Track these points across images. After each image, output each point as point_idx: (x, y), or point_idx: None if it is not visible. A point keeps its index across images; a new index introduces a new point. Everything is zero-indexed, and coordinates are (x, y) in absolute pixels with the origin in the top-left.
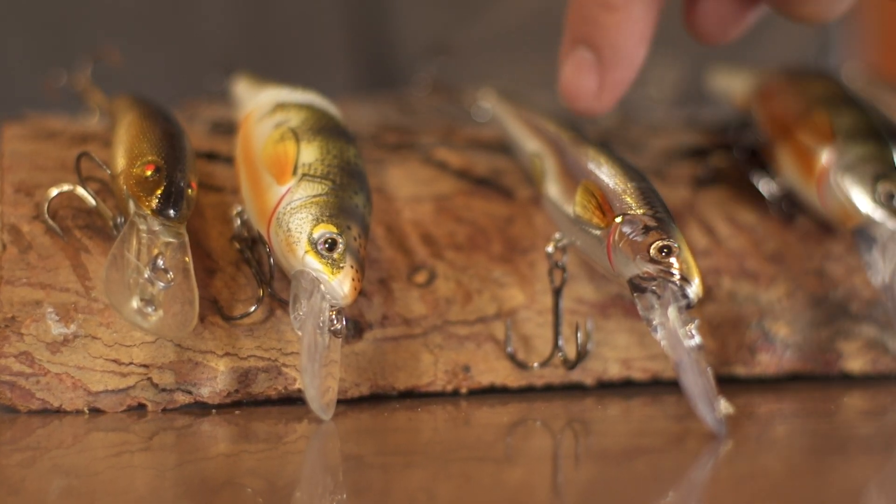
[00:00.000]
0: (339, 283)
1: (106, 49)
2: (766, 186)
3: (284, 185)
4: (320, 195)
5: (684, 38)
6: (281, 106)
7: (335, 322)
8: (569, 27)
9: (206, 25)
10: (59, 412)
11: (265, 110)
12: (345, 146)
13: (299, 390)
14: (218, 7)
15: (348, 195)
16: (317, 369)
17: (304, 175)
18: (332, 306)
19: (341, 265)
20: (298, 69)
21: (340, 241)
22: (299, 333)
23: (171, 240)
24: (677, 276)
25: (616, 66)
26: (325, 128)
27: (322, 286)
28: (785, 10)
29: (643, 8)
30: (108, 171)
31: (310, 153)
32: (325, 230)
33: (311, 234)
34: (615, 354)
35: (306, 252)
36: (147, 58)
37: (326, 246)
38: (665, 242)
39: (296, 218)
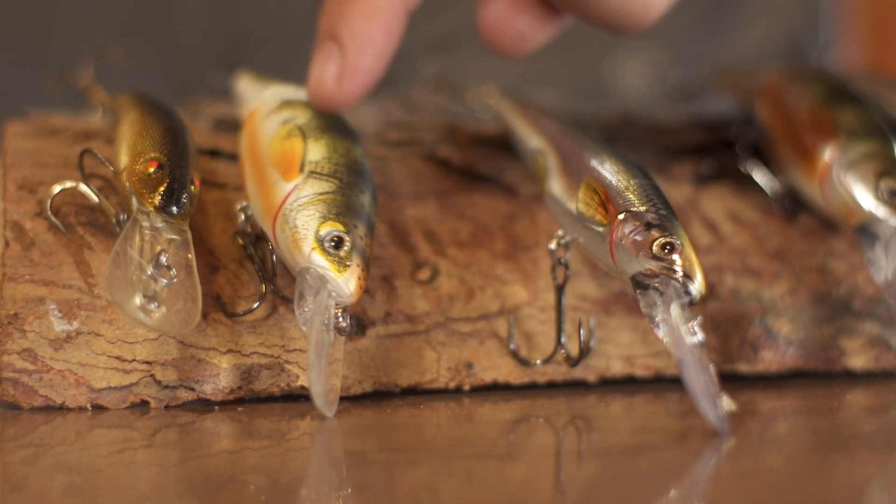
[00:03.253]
0: (346, 282)
1: (108, 47)
2: (768, 183)
3: (291, 181)
4: (327, 193)
5: (662, 32)
6: (287, 103)
7: (341, 320)
8: (319, 26)
9: (190, 24)
10: (61, 409)
11: (271, 107)
12: (351, 145)
13: (302, 387)
14: (202, 5)
15: (355, 194)
16: (323, 366)
17: (311, 172)
18: (337, 304)
19: (348, 263)
20: (278, 65)
21: (347, 239)
22: (305, 330)
23: (174, 237)
24: (680, 273)
25: (356, 52)
26: (331, 126)
27: (328, 284)
28: (592, 20)
29: None
30: (111, 168)
31: (317, 151)
32: (333, 228)
33: (318, 231)
34: (618, 351)
35: (313, 249)
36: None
37: (333, 244)
38: (668, 239)
39: (303, 215)
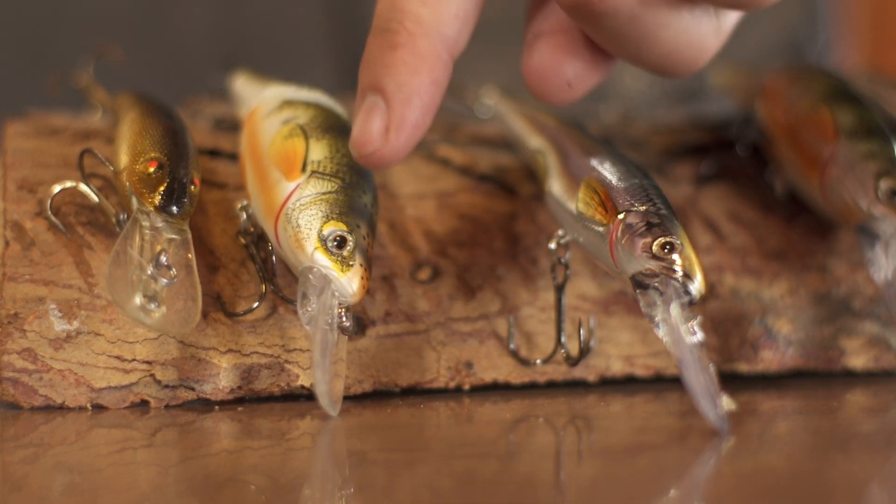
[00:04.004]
0: (349, 281)
1: (108, 46)
2: (768, 184)
3: (293, 181)
4: (330, 192)
5: None
6: (288, 103)
7: (344, 319)
8: (360, 77)
9: (184, 23)
10: (61, 409)
11: (272, 107)
12: None
13: (302, 387)
14: (203, 5)
15: (357, 194)
16: (328, 366)
17: (313, 172)
18: (340, 304)
19: (350, 263)
20: (277, 66)
21: (350, 238)
22: (308, 330)
23: (174, 236)
24: (680, 273)
25: (402, 104)
26: (333, 126)
27: (331, 283)
28: (643, 65)
29: (429, 43)
30: (111, 168)
31: (319, 151)
32: (335, 227)
33: (321, 230)
34: (618, 351)
35: (316, 249)
36: (134, 55)
37: (336, 243)
38: (667, 239)
39: (305, 214)
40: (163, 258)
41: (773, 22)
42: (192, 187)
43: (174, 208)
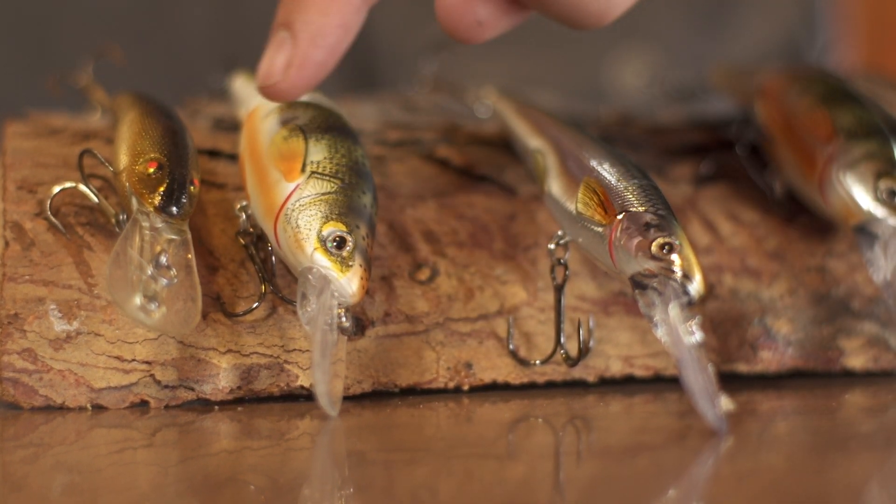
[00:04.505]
0: (348, 282)
1: (108, 47)
2: (767, 184)
3: (293, 181)
4: (329, 193)
5: (660, 32)
6: (288, 103)
7: (344, 320)
8: (277, 13)
9: (184, 24)
10: (61, 409)
11: (271, 107)
12: (352, 146)
13: (302, 387)
14: (203, 5)
15: (357, 194)
16: (327, 366)
17: (312, 173)
18: (339, 304)
19: (350, 263)
20: None
21: (350, 239)
22: (308, 330)
23: (173, 237)
24: (679, 274)
25: (306, 42)
26: (332, 127)
27: (331, 284)
28: (551, 15)
29: None
30: (111, 169)
31: (318, 151)
32: (335, 228)
33: (320, 231)
34: (617, 351)
35: (315, 249)
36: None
37: (335, 244)
38: (666, 239)
39: (305, 214)
40: (162, 258)
41: (770, 22)
42: (192, 188)
43: (174, 209)
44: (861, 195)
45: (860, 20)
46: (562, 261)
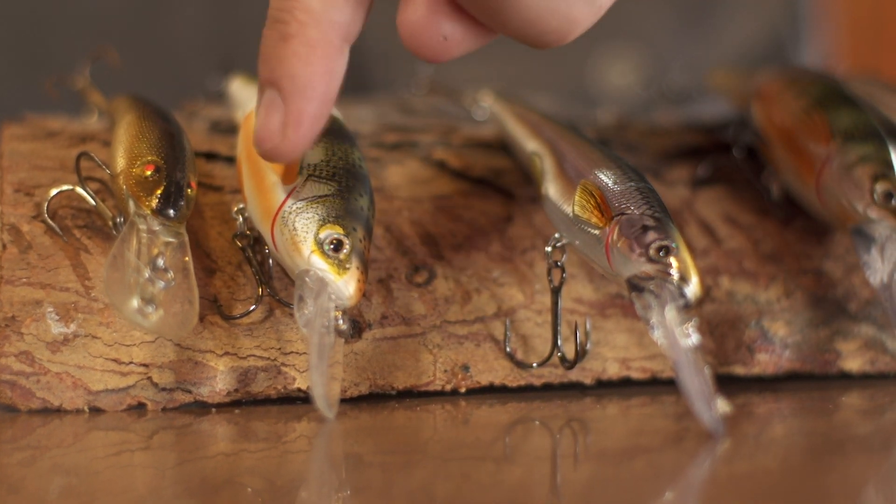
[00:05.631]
0: (345, 284)
1: (104, 49)
2: (764, 186)
3: (290, 184)
4: (326, 196)
5: (646, 32)
6: None
7: (341, 322)
8: (259, 71)
9: (181, 26)
10: (59, 411)
11: None
12: (349, 149)
13: (299, 389)
14: (199, 9)
15: (354, 197)
16: (325, 369)
17: (309, 175)
18: (336, 307)
19: (347, 266)
20: None
21: (347, 241)
22: (305, 332)
23: (170, 239)
24: (675, 276)
25: (297, 97)
26: (329, 130)
27: (328, 286)
28: (511, 35)
29: (320, 33)
30: (108, 171)
31: (315, 154)
32: (332, 231)
33: (317, 233)
34: (614, 354)
35: (312, 252)
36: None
37: (332, 246)
38: (663, 242)
39: (302, 217)
40: (160, 261)
41: (755, 20)
42: (189, 190)
43: (171, 211)
44: (858, 198)
45: (843, 17)
46: (559, 263)
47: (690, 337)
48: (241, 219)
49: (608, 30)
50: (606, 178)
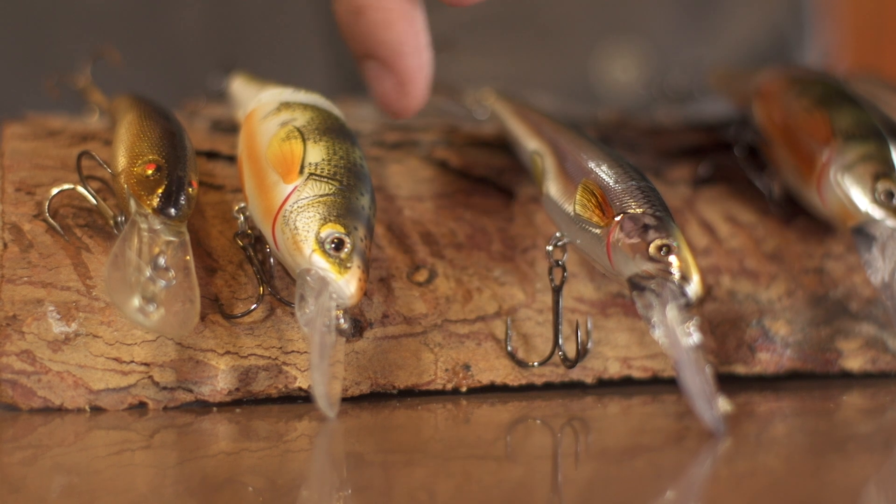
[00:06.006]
0: (346, 283)
1: (106, 48)
2: (765, 185)
3: (291, 183)
4: (328, 195)
5: (648, 28)
6: (286, 105)
7: (342, 321)
8: (350, 50)
9: (181, 26)
10: (60, 410)
11: (269, 109)
12: (350, 148)
13: (300, 388)
14: (200, 8)
15: (355, 196)
16: (326, 368)
17: (310, 174)
18: (337, 306)
19: (348, 265)
20: (273, 67)
21: (348, 240)
22: (306, 331)
23: (172, 238)
24: (676, 275)
25: (396, 59)
26: (331, 128)
27: (329, 285)
28: None
29: None
30: (109, 170)
31: (316, 153)
32: (333, 230)
33: (318, 232)
34: (615, 353)
35: (313, 251)
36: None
37: (334, 245)
38: (664, 241)
39: (303, 216)
40: (161, 260)
41: (757, 16)
42: (190, 189)
43: (172, 210)
44: (859, 197)
45: (846, 15)
46: (560, 262)
47: (691, 336)
48: (242, 218)
49: (611, 26)
50: (607, 177)
